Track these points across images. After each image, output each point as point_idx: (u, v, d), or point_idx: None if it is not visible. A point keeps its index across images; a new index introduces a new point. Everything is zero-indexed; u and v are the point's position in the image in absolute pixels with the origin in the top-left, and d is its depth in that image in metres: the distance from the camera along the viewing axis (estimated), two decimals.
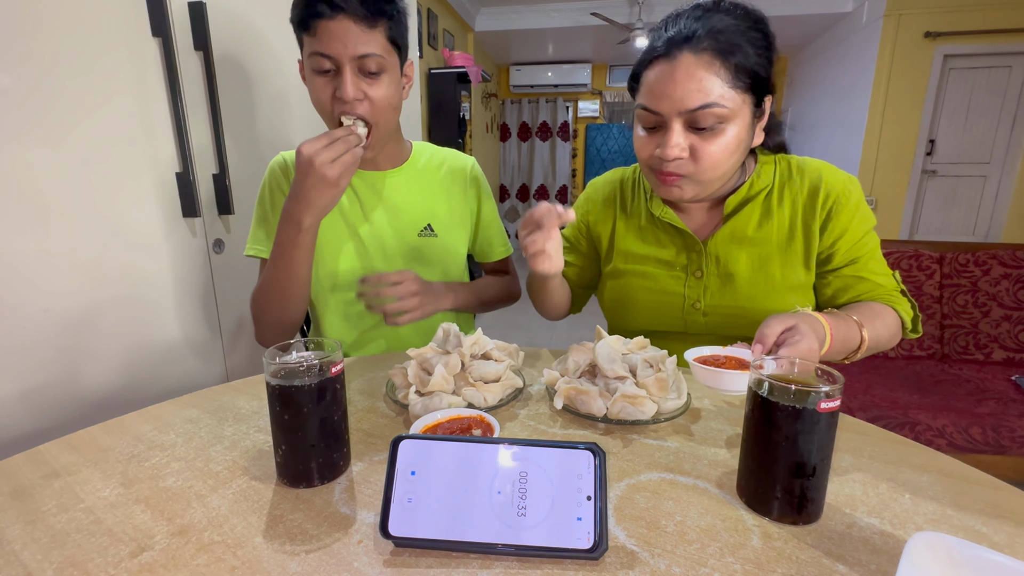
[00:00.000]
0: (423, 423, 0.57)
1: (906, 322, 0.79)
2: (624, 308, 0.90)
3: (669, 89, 0.68)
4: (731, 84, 0.67)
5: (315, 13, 0.76)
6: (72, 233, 0.89)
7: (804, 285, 0.80)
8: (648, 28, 4.48)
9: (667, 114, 0.69)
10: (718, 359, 0.63)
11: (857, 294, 0.80)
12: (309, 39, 0.78)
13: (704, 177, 0.72)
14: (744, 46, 0.67)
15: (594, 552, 0.39)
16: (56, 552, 0.42)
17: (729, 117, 0.68)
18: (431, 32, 4.30)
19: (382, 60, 0.80)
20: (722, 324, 0.83)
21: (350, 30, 0.76)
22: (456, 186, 1.01)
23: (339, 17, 0.76)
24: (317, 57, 0.78)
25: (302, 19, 0.78)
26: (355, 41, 0.77)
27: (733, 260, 0.81)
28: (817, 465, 0.44)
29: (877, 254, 0.80)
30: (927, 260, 1.97)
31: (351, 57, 0.77)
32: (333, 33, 0.76)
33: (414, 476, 0.43)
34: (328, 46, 0.77)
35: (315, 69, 0.79)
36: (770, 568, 0.40)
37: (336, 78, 0.79)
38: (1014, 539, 0.43)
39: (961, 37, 4.06)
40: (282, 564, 0.40)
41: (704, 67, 0.66)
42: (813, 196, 0.78)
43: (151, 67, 1.01)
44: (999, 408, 1.58)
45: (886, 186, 4.43)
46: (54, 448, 0.58)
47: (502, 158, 7.14)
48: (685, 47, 0.67)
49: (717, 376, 0.59)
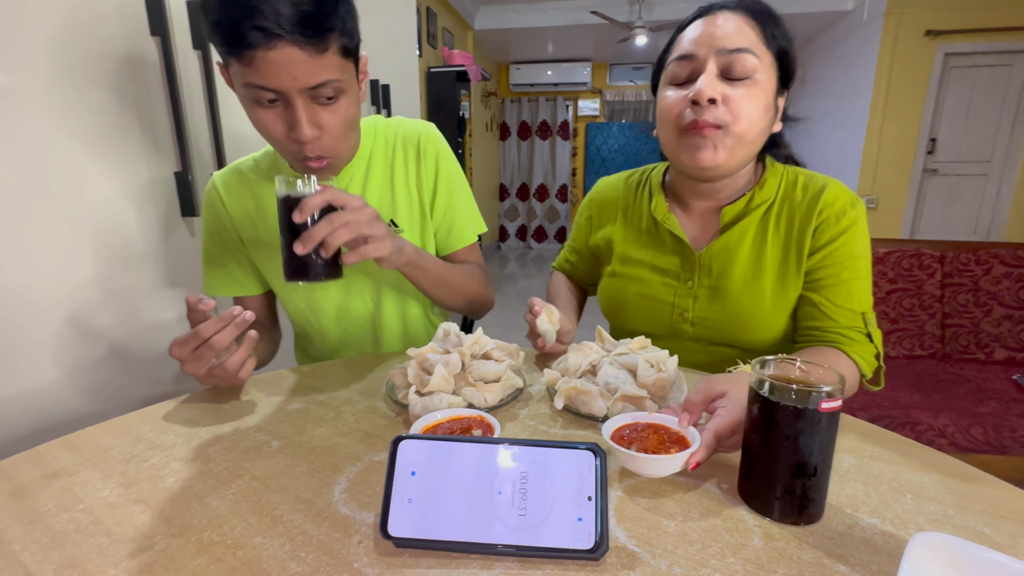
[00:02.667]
0: (423, 423, 0.57)
1: (862, 368, 0.72)
2: (618, 310, 0.90)
3: (708, 32, 0.70)
4: (764, 41, 0.70)
5: (246, 42, 0.60)
6: (71, 233, 0.89)
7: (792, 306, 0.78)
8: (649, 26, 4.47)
9: (704, 56, 0.70)
10: (638, 428, 0.54)
11: (811, 325, 0.75)
12: (242, 67, 0.63)
13: (737, 128, 0.69)
14: (777, 20, 0.72)
15: (595, 552, 0.39)
16: (56, 552, 0.42)
17: (759, 69, 0.69)
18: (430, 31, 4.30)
19: (339, 84, 0.67)
20: (709, 334, 0.82)
21: (295, 59, 0.61)
22: (411, 162, 0.87)
23: (278, 45, 0.60)
24: (255, 90, 0.64)
25: (226, 43, 0.62)
26: (304, 71, 0.63)
27: (725, 273, 0.79)
28: (818, 465, 0.43)
29: (851, 287, 0.73)
30: (928, 259, 1.96)
31: (301, 90, 0.64)
32: (275, 65, 0.61)
33: (414, 476, 0.43)
34: (270, 80, 0.62)
35: (255, 101, 0.66)
36: (771, 568, 0.40)
37: (285, 110, 0.66)
38: (1016, 539, 0.43)
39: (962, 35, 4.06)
40: (282, 564, 0.40)
41: (742, 20, 0.70)
42: (810, 210, 0.75)
43: (150, 66, 1.00)
44: (1001, 408, 1.58)
45: (887, 185, 4.43)
46: (54, 448, 0.58)
47: (502, 157, 7.14)
48: (724, 8, 0.72)
49: (634, 460, 0.49)
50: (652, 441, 0.52)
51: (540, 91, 6.83)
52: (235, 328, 0.62)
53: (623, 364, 0.67)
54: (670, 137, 0.75)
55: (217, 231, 0.88)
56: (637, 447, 0.51)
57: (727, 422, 0.50)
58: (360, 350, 0.97)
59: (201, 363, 0.62)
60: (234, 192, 0.87)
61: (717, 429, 0.49)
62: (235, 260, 0.90)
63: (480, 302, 0.94)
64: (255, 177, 0.87)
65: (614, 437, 0.52)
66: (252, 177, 0.87)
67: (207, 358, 0.61)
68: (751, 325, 0.78)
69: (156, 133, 1.02)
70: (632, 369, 0.66)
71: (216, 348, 0.61)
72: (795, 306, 0.77)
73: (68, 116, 0.87)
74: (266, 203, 0.86)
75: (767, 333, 0.78)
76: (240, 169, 0.88)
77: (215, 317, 0.61)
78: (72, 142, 0.88)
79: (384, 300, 0.92)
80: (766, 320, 0.77)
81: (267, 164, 0.88)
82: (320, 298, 0.91)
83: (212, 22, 0.62)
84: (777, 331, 0.78)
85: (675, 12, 4.75)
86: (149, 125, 1.01)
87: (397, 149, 0.88)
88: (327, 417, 0.64)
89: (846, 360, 0.71)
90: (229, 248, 0.89)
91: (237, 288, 0.91)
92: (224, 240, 0.89)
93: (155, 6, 0.98)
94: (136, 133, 0.99)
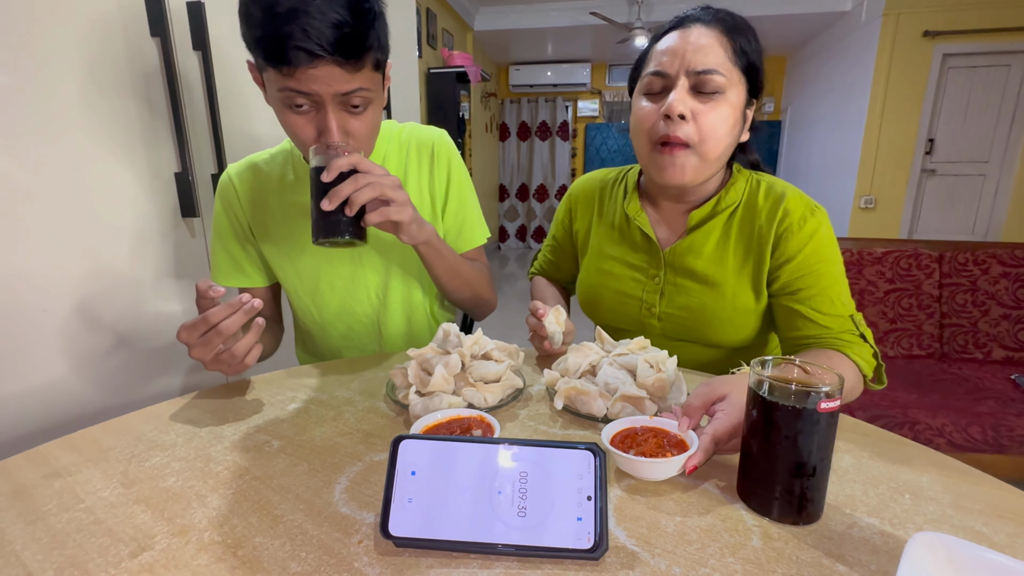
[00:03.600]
0: (423, 423, 0.57)
1: (863, 368, 0.72)
2: (593, 304, 0.93)
3: (680, 49, 0.72)
4: (731, 60, 0.73)
5: (287, 60, 0.63)
6: (71, 233, 0.89)
7: (754, 310, 0.79)
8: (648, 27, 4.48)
9: (675, 73, 0.72)
10: (635, 432, 0.55)
11: (804, 335, 0.76)
12: (280, 75, 0.66)
13: (704, 148, 0.73)
14: (747, 33, 0.75)
15: (594, 552, 0.39)
16: (56, 552, 0.42)
17: (727, 88, 0.72)
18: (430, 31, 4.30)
19: (368, 93, 0.70)
20: (675, 330, 0.84)
21: (334, 74, 0.65)
22: (424, 166, 0.91)
23: (320, 65, 0.64)
24: (291, 94, 0.67)
25: (268, 57, 0.64)
26: (341, 81, 0.67)
27: (688, 273, 0.82)
28: (817, 465, 0.44)
29: (832, 293, 0.74)
30: (926, 259, 1.97)
31: (334, 95, 0.68)
32: (315, 77, 0.65)
33: (414, 476, 0.43)
34: (307, 88, 0.66)
35: (288, 105, 0.69)
36: (770, 568, 0.40)
37: (317, 115, 0.70)
38: (1014, 539, 0.43)
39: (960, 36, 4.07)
40: (282, 564, 0.40)
41: (713, 37, 0.72)
42: (770, 218, 0.77)
43: (150, 67, 1.00)
44: (999, 407, 1.58)
45: (885, 185, 4.43)
46: (54, 448, 0.58)
47: (501, 158, 7.14)
48: (697, 21, 0.74)
49: (631, 464, 0.50)
50: (651, 445, 0.52)
51: (539, 92, 6.83)
52: (243, 315, 0.63)
53: (623, 364, 0.68)
54: (642, 148, 0.78)
55: (228, 222, 0.90)
56: (636, 451, 0.51)
57: (725, 426, 0.51)
58: (362, 349, 0.97)
59: (208, 348, 0.63)
60: (248, 185, 0.89)
61: (715, 433, 0.50)
62: (244, 251, 0.91)
63: (484, 300, 0.97)
64: (269, 171, 0.89)
65: (613, 441, 0.53)
66: (266, 171, 0.90)
67: (215, 343, 0.63)
68: (713, 324, 0.81)
69: (156, 134, 1.02)
70: (632, 369, 0.66)
71: (224, 334, 0.62)
72: (761, 310, 0.80)
73: (68, 117, 0.87)
74: (278, 197, 0.88)
75: (732, 333, 0.81)
76: (255, 163, 0.90)
77: (224, 303, 0.63)
78: (72, 143, 0.88)
79: (389, 298, 0.93)
80: (727, 320, 0.80)
81: (282, 159, 0.90)
82: (325, 293, 0.92)
83: (255, 37, 0.64)
84: (744, 332, 0.81)
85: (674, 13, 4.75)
86: (149, 126, 1.01)
87: (411, 153, 0.91)
88: (327, 417, 0.65)
89: (848, 362, 0.71)
90: (239, 239, 0.91)
91: (244, 279, 0.92)
92: (235, 231, 0.90)
93: (155, 7, 0.98)
94: (136, 134, 0.99)
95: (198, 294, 0.65)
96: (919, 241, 2.01)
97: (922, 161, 4.36)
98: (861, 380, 0.73)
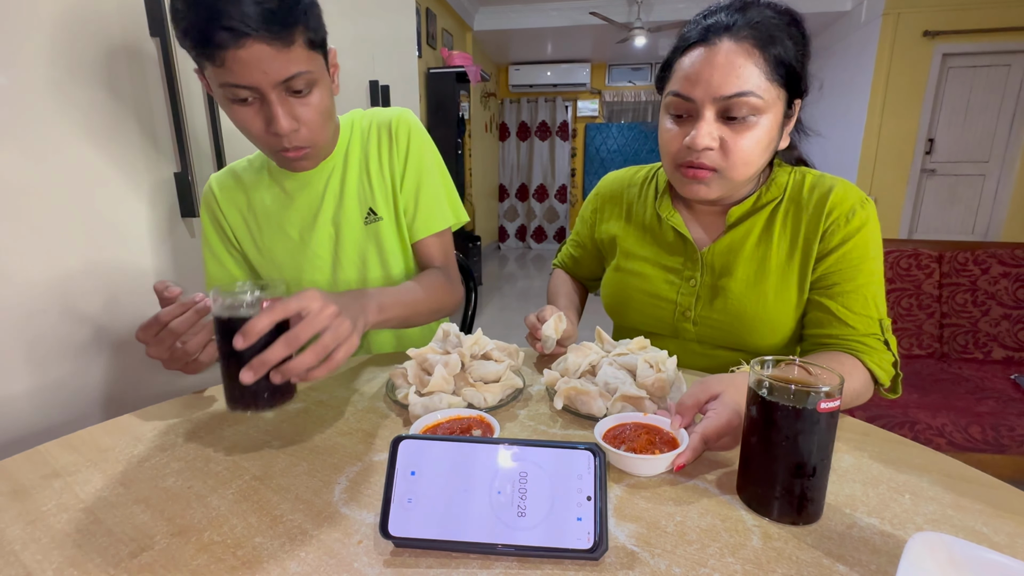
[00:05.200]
0: (423, 423, 0.57)
1: (880, 377, 0.69)
2: (620, 307, 0.89)
3: (706, 74, 0.66)
4: (768, 76, 0.66)
5: (215, 43, 0.62)
6: (70, 233, 0.89)
7: (795, 308, 0.75)
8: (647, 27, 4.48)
9: (700, 100, 0.67)
10: (630, 428, 0.55)
11: (826, 333, 0.73)
12: (215, 68, 0.65)
13: (733, 174, 0.69)
14: (783, 39, 0.67)
15: (594, 552, 0.39)
16: (56, 552, 0.42)
17: (762, 110, 0.66)
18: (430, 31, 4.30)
19: (309, 75, 0.69)
20: (711, 335, 0.81)
21: (264, 55, 0.64)
22: (384, 147, 0.87)
23: (247, 43, 0.62)
24: (232, 89, 0.66)
25: (197, 47, 0.64)
26: (274, 66, 0.65)
27: (728, 272, 0.78)
28: (817, 465, 0.44)
29: (867, 292, 0.71)
30: (926, 259, 1.97)
31: (274, 83, 0.66)
32: (245, 62, 0.63)
33: (414, 476, 0.43)
34: (242, 77, 0.65)
35: (231, 100, 0.68)
36: (770, 568, 0.40)
37: (262, 106, 0.69)
38: (1014, 539, 0.43)
39: (960, 36, 4.07)
40: (282, 564, 0.40)
41: (744, 54, 0.65)
42: (818, 211, 0.73)
43: (149, 67, 1.00)
44: (999, 407, 1.58)
45: (885, 185, 4.43)
46: (54, 448, 0.58)
47: (501, 158, 7.14)
48: (725, 34, 0.66)
49: (620, 459, 0.51)
50: (642, 441, 0.53)
51: (539, 92, 6.83)
52: (195, 314, 0.62)
53: (622, 364, 0.68)
54: (668, 166, 0.75)
55: (214, 230, 0.92)
56: (627, 447, 0.52)
57: (715, 425, 0.51)
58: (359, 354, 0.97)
59: (163, 347, 0.62)
60: (228, 192, 0.90)
61: (704, 432, 0.50)
62: (232, 258, 0.93)
63: (447, 308, 0.89)
64: (248, 177, 0.90)
65: (606, 436, 0.54)
66: (245, 177, 0.91)
67: (168, 342, 0.62)
68: (753, 326, 0.76)
69: (155, 134, 1.02)
70: (631, 369, 0.66)
71: (176, 333, 0.61)
72: (801, 310, 0.76)
73: (67, 116, 0.87)
74: (258, 202, 0.90)
75: (769, 336, 0.77)
76: (235, 170, 0.92)
77: (177, 303, 0.62)
78: (71, 143, 0.88)
79: None
80: (768, 321, 0.76)
81: (260, 163, 0.91)
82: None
83: (182, 29, 0.64)
84: (780, 335, 0.77)
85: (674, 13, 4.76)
86: (148, 126, 1.01)
87: (371, 136, 0.88)
88: (327, 417, 0.65)
89: (862, 369, 0.69)
90: (225, 245, 0.93)
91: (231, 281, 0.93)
92: (220, 238, 0.92)
93: (154, 6, 0.98)
94: (135, 134, 0.99)
95: (156, 295, 0.64)
96: (919, 241, 2.01)
97: (922, 161, 4.36)
98: (871, 387, 0.70)
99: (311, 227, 0.88)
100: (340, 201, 0.88)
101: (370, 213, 0.88)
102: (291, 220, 0.88)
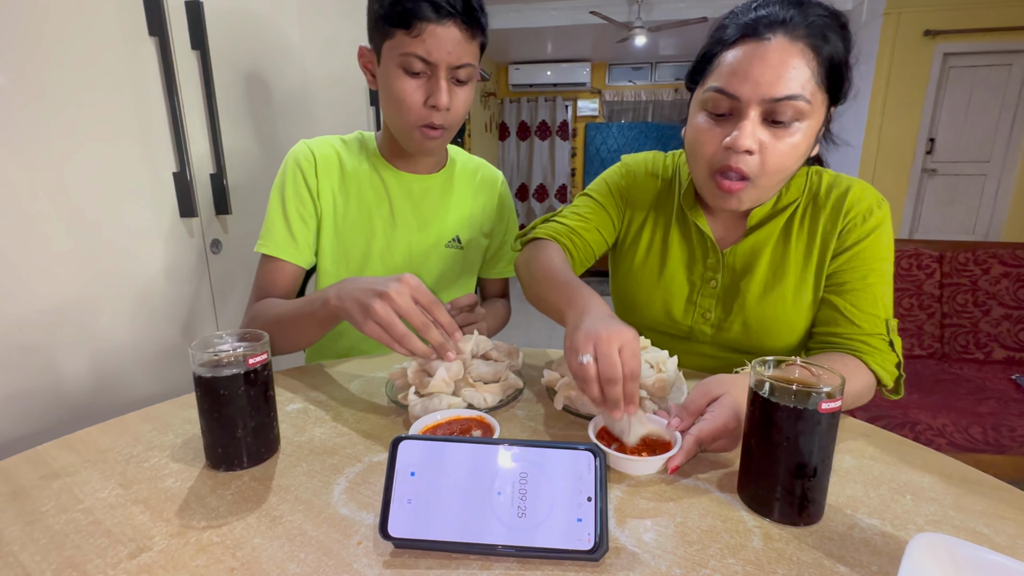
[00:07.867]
0: (423, 424, 0.57)
1: (883, 378, 0.69)
2: (636, 304, 0.86)
3: (756, 71, 0.61)
4: (817, 80, 0.62)
5: (422, 15, 0.71)
6: (69, 233, 0.89)
7: (813, 306, 0.75)
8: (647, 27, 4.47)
9: (747, 99, 0.62)
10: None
11: (832, 331, 0.72)
12: (406, 38, 0.73)
13: (767, 182, 0.66)
14: (836, 41, 0.64)
15: (595, 553, 0.39)
16: (55, 553, 0.42)
17: (807, 115, 0.63)
18: None
19: (472, 70, 0.78)
20: (727, 338, 0.79)
21: (455, 37, 0.74)
22: (485, 198, 1.00)
23: (447, 23, 0.72)
24: (412, 59, 0.74)
25: (402, 16, 0.72)
26: (458, 50, 0.74)
27: (748, 275, 0.77)
28: (818, 466, 0.44)
29: (876, 291, 0.71)
30: (927, 259, 1.97)
31: (450, 66, 0.75)
32: (440, 39, 0.73)
33: (414, 477, 0.43)
34: (430, 51, 0.73)
35: (405, 69, 0.76)
36: (771, 569, 0.40)
37: (428, 82, 0.77)
38: (1015, 540, 0.43)
39: (961, 35, 4.06)
40: (281, 565, 0.40)
41: (797, 54, 0.61)
42: (836, 211, 0.73)
43: (148, 67, 1.00)
44: (999, 407, 1.58)
45: (886, 185, 4.42)
46: (53, 449, 0.57)
47: (501, 157, 7.13)
48: (780, 29, 0.61)
49: (615, 460, 0.51)
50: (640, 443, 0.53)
51: (539, 91, 6.82)
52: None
53: None
54: (699, 173, 0.71)
55: (295, 191, 0.87)
56: (618, 445, 0.52)
57: (711, 427, 0.51)
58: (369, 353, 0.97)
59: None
60: (328, 163, 0.90)
61: (699, 434, 0.50)
62: (304, 224, 0.88)
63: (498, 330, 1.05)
64: (347, 158, 0.91)
65: (599, 435, 0.54)
66: (344, 156, 0.91)
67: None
68: (772, 329, 0.76)
69: (154, 134, 1.02)
70: None
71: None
72: (815, 310, 0.75)
73: (66, 116, 0.87)
74: (353, 186, 0.91)
75: (786, 337, 0.76)
76: (331, 142, 0.92)
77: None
78: (70, 142, 0.88)
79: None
80: (786, 323, 0.75)
81: (357, 148, 0.93)
82: None
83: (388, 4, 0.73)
84: (795, 336, 0.76)
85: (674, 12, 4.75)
86: (147, 126, 1.01)
87: (479, 177, 1.00)
88: (327, 417, 0.64)
89: (864, 370, 0.68)
90: (300, 212, 0.88)
91: (291, 250, 0.87)
92: (300, 200, 0.87)
93: (153, 6, 0.98)
94: (134, 133, 0.99)
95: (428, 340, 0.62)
96: (920, 241, 2.01)
97: (923, 161, 4.35)
98: (873, 388, 0.70)
99: (394, 227, 0.92)
100: (431, 215, 0.94)
101: (455, 240, 0.96)
102: (382, 215, 0.91)
